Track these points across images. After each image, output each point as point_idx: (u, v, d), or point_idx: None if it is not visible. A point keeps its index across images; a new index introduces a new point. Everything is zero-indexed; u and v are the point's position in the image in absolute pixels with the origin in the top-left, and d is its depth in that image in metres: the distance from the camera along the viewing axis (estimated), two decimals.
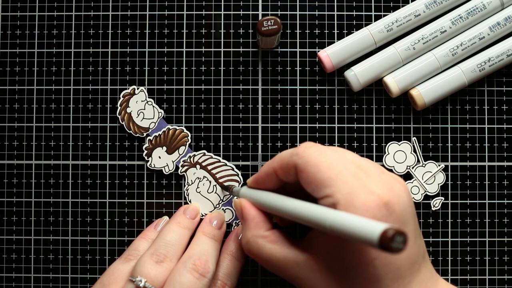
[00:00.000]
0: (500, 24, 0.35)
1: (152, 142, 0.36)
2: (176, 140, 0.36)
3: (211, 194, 0.36)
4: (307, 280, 0.26)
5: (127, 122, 0.36)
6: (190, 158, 0.36)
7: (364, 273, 0.24)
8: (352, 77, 0.35)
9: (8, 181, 0.37)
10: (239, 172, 0.36)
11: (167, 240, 0.31)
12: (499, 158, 0.36)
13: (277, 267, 0.27)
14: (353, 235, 0.21)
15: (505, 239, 0.36)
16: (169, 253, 0.30)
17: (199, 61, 0.37)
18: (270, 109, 0.37)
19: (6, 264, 0.36)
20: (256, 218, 0.29)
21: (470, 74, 0.35)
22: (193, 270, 0.29)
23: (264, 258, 0.28)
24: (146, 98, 0.36)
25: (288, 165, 0.27)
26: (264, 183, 0.30)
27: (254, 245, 0.28)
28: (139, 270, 0.29)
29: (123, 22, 0.37)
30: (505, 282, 0.36)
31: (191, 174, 0.36)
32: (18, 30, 0.37)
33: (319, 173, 0.25)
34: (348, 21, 0.37)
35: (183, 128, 0.36)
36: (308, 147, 0.27)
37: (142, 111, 0.36)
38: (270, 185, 0.30)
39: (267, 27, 0.33)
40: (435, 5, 0.35)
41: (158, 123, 0.36)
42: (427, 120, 0.37)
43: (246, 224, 0.29)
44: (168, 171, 0.36)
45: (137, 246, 0.33)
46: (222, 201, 0.36)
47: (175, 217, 0.34)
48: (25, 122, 0.37)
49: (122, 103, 0.36)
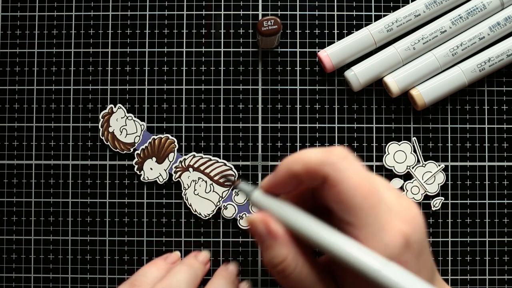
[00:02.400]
0: (500, 24, 0.35)
1: (141, 155, 0.36)
2: (164, 149, 0.36)
3: (209, 194, 0.36)
4: None
5: (112, 141, 0.36)
6: (181, 162, 0.36)
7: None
8: (352, 77, 0.35)
9: (8, 181, 0.37)
10: (232, 166, 0.36)
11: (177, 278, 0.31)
12: (499, 158, 0.36)
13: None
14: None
15: (505, 239, 0.36)
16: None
17: (199, 61, 0.37)
18: (270, 109, 0.37)
19: (6, 264, 0.36)
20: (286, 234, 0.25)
21: (470, 74, 0.35)
22: None
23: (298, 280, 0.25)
24: (125, 114, 0.36)
25: (317, 173, 0.24)
26: (283, 187, 0.26)
27: (293, 265, 0.24)
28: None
29: (123, 22, 0.37)
30: (505, 282, 0.36)
31: (185, 178, 0.36)
32: (18, 30, 0.37)
33: (354, 199, 0.23)
34: (348, 21, 0.37)
35: (167, 135, 0.36)
36: (342, 158, 0.24)
37: (124, 127, 0.36)
38: (289, 189, 0.26)
39: (267, 27, 0.33)
40: (435, 5, 0.35)
41: (142, 136, 0.36)
42: (427, 120, 0.37)
43: (278, 242, 0.25)
44: (162, 181, 0.36)
45: (146, 273, 0.32)
46: (222, 198, 0.36)
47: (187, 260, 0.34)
48: (25, 122, 0.37)
49: (103, 123, 0.36)
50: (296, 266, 0.25)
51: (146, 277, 0.32)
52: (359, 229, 0.23)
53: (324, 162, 0.23)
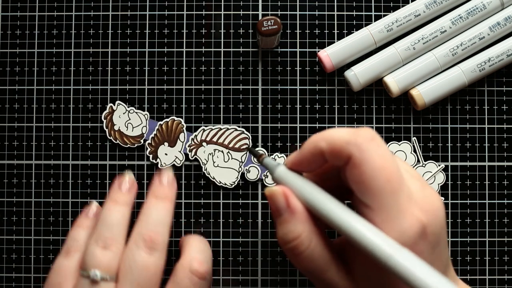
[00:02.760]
0: (500, 24, 0.35)
1: (152, 144, 0.36)
2: (173, 131, 0.36)
3: (229, 162, 0.36)
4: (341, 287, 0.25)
5: (121, 138, 0.36)
6: (193, 140, 0.36)
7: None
8: (352, 77, 0.35)
9: (8, 181, 0.37)
10: (244, 130, 0.36)
11: (109, 223, 0.29)
12: (499, 158, 0.36)
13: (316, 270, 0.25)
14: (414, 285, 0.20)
15: (505, 239, 0.36)
16: (115, 235, 0.28)
17: (199, 61, 0.37)
18: (270, 109, 0.37)
19: (6, 264, 0.36)
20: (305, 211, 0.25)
21: (470, 74, 0.35)
22: (144, 247, 0.28)
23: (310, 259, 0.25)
24: (126, 109, 0.36)
25: (342, 152, 0.23)
26: (308, 165, 0.26)
27: (306, 242, 0.24)
28: (90, 261, 0.27)
29: (123, 22, 0.37)
30: (505, 282, 0.36)
31: (201, 153, 0.36)
32: (18, 30, 0.37)
33: (375, 181, 0.23)
34: (348, 21, 0.37)
35: (173, 117, 0.36)
36: (368, 139, 0.23)
37: (129, 122, 0.36)
38: (314, 166, 0.26)
39: (267, 27, 0.33)
40: (435, 5, 0.35)
41: (148, 125, 0.36)
42: (427, 120, 0.37)
43: (296, 217, 0.25)
44: (180, 163, 0.36)
45: (75, 236, 0.30)
46: (242, 162, 0.36)
47: (111, 196, 0.31)
48: (25, 122, 0.37)
49: (107, 124, 0.36)
50: (309, 245, 0.24)
51: (77, 240, 0.30)
52: (377, 213, 0.23)
53: (349, 142, 0.23)
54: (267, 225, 0.36)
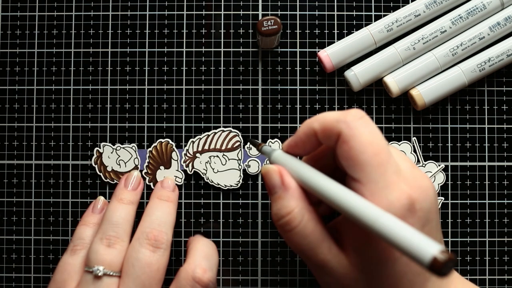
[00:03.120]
0: (500, 24, 0.35)
1: (149, 172, 0.36)
2: (165, 153, 0.36)
3: (227, 164, 0.36)
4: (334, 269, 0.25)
5: (117, 177, 0.36)
6: (186, 154, 0.36)
7: (389, 269, 0.24)
8: (352, 77, 0.35)
9: (8, 181, 0.37)
10: (231, 128, 0.36)
11: (114, 222, 0.30)
12: (499, 158, 0.36)
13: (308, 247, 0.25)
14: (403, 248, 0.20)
15: (505, 239, 0.36)
16: (119, 234, 0.29)
17: (199, 61, 0.37)
18: (270, 109, 0.37)
19: (6, 264, 0.36)
20: (298, 188, 0.26)
21: (470, 74, 0.35)
22: (148, 245, 0.28)
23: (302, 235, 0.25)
24: (113, 147, 0.36)
25: (332, 130, 0.25)
26: (303, 146, 0.27)
27: (298, 217, 0.25)
28: (94, 258, 0.28)
29: (123, 22, 0.37)
30: (505, 282, 0.36)
31: (198, 165, 0.36)
32: (18, 30, 0.37)
33: (363, 155, 0.24)
34: (348, 21, 0.37)
35: (160, 140, 0.36)
36: (357, 117, 0.25)
37: (119, 159, 0.36)
38: (309, 148, 0.28)
39: (267, 27, 0.33)
40: (435, 5, 0.35)
41: (139, 155, 0.36)
42: (427, 120, 0.37)
43: (289, 193, 0.26)
44: (181, 181, 0.36)
45: (81, 234, 0.31)
46: (240, 160, 0.36)
47: (117, 193, 0.32)
48: (25, 122, 0.37)
49: (99, 168, 0.36)
50: (301, 220, 0.25)
51: (83, 238, 0.31)
52: (366, 186, 0.24)
53: (339, 120, 0.25)
54: (267, 225, 0.36)
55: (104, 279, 0.28)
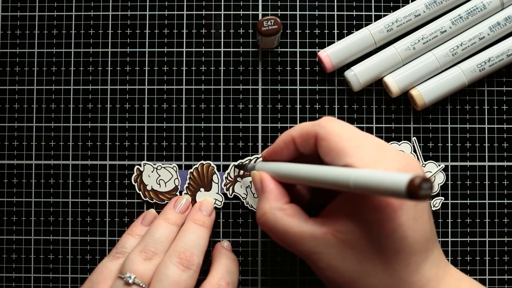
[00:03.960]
0: (500, 24, 0.35)
1: (188, 193, 0.36)
2: (206, 175, 0.36)
3: None
4: (323, 255, 0.26)
5: (156, 196, 0.36)
6: (227, 178, 0.36)
7: (382, 246, 0.24)
8: (352, 77, 0.35)
9: (8, 181, 0.37)
10: None
11: (155, 238, 0.31)
12: (499, 158, 0.36)
13: (292, 241, 0.27)
14: (379, 188, 0.21)
15: (505, 239, 0.36)
16: (158, 250, 0.31)
17: (199, 61, 0.37)
18: (270, 109, 0.37)
19: (6, 264, 0.36)
20: (274, 190, 0.29)
21: (470, 74, 0.35)
22: (179, 264, 0.30)
23: (280, 231, 0.27)
24: (153, 167, 0.36)
25: (309, 134, 0.28)
26: (281, 153, 0.30)
27: (271, 217, 0.28)
28: (128, 266, 0.30)
29: (123, 22, 0.37)
30: (505, 282, 0.36)
31: (238, 189, 0.36)
32: (18, 30, 0.37)
33: (341, 142, 0.26)
34: (348, 21, 0.37)
35: (201, 162, 0.36)
36: (329, 120, 0.28)
37: (160, 178, 0.36)
38: (286, 155, 0.30)
39: (267, 27, 0.33)
40: (435, 5, 0.35)
41: (180, 176, 0.36)
42: (427, 120, 0.37)
43: (264, 196, 0.29)
44: (220, 204, 0.36)
45: (125, 243, 0.33)
46: None
47: (165, 212, 0.34)
48: (25, 122, 0.37)
49: (139, 186, 0.36)
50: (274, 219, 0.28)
51: (126, 247, 0.32)
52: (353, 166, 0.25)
53: (313, 124, 0.28)
54: None
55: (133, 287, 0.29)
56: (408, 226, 0.24)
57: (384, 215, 0.24)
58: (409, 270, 0.25)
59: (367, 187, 0.22)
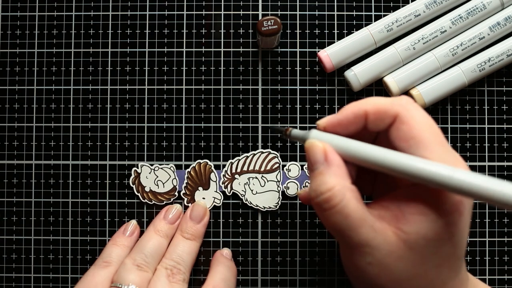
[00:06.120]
0: (500, 24, 0.35)
1: (187, 193, 0.36)
2: (203, 174, 0.36)
3: (266, 185, 0.36)
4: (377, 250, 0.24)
5: (155, 197, 0.36)
6: (225, 176, 0.36)
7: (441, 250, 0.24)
8: (352, 77, 0.35)
9: (8, 181, 0.37)
10: (270, 150, 0.36)
11: (146, 252, 0.32)
12: (499, 158, 0.36)
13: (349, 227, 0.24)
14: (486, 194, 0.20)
15: (505, 239, 0.36)
16: (149, 264, 0.32)
17: (199, 61, 0.37)
18: (270, 109, 0.37)
19: (6, 264, 0.36)
20: (343, 166, 0.25)
21: (470, 74, 0.35)
22: (167, 276, 0.32)
23: (343, 213, 0.24)
24: (151, 168, 0.36)
25: (387, 112, 0.25)
26: (347, 126, 0.26)
27: (340, 196, 0.24)
28: (125, 277, 0.31)
29: (123, 22, 0.37)
30: (505, 282, 0.36)
31: (237, 186, 0.36)
32: (18, 30, 0.37)
33: (426, 133, 0.24)
34: (348, 21, 0.37)
35: (199, 161, 0.36)
36: (410, 101, 0.25)
37: (157, 179, 0.36)
38: (352, 130, 0.26)
39: (267, 27, 0.33)
40: (435, 5, 0.35)
41: (177, 176, 0.36)
42: None
43: (331, 170, 0.25)
44: (219, 202, 0.36)
45: (110, 252, 0.33)
46: (279, 181, 0.36)
47: (155, 224, 0.34)
48: (25, 122, 0.37)
49: (137, 188, 0.36)
50: (342, 199, 0.24)
51: (112, 257, 0.33)
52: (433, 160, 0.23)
53: (394, 103, 0.25)
54: (267, 225, 0.36)
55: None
56: (464, 232, 0.24)
57: (451, 219, 0.23)
58: (452, 274, 0.25)
59: (473, 191, 0.21)
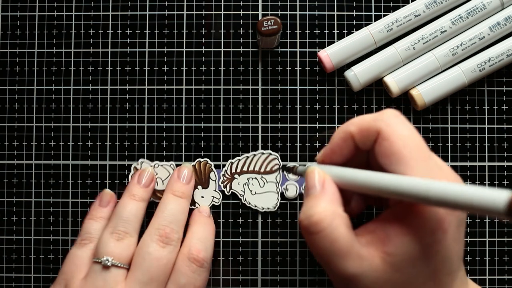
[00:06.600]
0: (500, 24, 0.35)
1: None
2: (203, 173, 0.36)
3: (265, 186, 0.36)
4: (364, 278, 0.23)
5: (154, 195, 0.36)
6: (224, 175, 0.36)
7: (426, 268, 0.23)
8: (352, 77, 0.35)
9: (8, 181, 0.37)
10: (270, 151, 0.36)
11: (124, 218, 0.31)
12: (499, 158, 0.36)
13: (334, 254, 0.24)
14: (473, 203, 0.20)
15: (505, 239, 0.36)
16: (128, 230, 0.31)
17: (199, 61, 0.37)
18: (270, 109, 0.37)
19: (6, 264, 0.36)
20: (336, 193, 0.26)
21: (470, 74, 0.35)
22: (159, 241, 0.30)
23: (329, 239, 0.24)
24: (151, 165, 0.36)
25: (370, 129, 0.25)
26: (340, 152, 0.27)
27: (328, 221, 0.24)
28: (103, 250, 0.30)
29: (123, 22, 0.37)
30: (505, 282, 0.36)
31: (236, 186, 0.36)
32: (18, 30, 0.37)
33: (406, 149, 0.23)
34: (348, 21, 0.37)
35: (199, 160, 0.36)
36: (393, 116, 0.25)
37: (157, 177, 0.36)
38: (346, 153, 0.27)
39: (267, 27, 0.33)
40: (435, 5, 0.35)
41: None
42: (427, 120, 0.37)
43: (324, 195, 0.25)
44: (218, 201, 0.36)
45: (89, 228, 0.32)
46: (279, 183, 0.36)
47: (129, 189, 0.33)
48: (25, 122, 0.37)
49: None
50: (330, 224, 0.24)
51: (90, 232, 0.32)
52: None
53: (376, 119, 0.25)
54: (267, 225, 0.36)
55: (112, 269, 0.29)
56: (451, 248, 0.23)
57: (435, 238, 0.23)
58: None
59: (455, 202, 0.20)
